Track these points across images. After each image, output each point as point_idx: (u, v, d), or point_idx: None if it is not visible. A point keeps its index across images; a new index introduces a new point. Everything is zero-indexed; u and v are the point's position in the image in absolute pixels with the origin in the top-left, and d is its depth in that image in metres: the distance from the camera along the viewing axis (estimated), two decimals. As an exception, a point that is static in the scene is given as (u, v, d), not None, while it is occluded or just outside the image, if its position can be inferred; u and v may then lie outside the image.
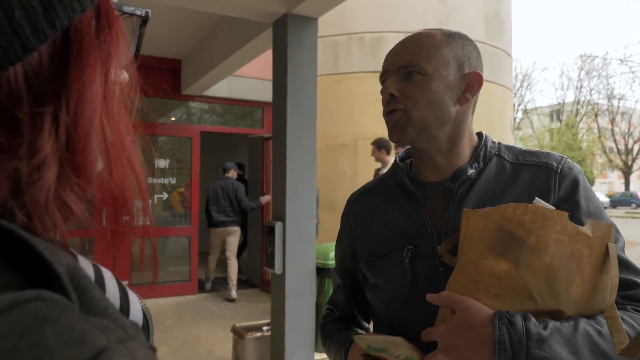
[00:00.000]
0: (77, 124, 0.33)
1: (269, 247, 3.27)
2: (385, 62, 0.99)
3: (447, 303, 0.82)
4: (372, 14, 5.87)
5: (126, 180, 0.38)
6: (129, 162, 0.38)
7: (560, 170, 0.93)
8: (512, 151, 0.99)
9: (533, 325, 0.75)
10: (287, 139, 3.15)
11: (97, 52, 0.35)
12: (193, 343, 4.43)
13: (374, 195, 1.09)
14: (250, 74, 6.49)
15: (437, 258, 0.93)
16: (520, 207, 0.79)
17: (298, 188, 3.18)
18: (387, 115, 0.97)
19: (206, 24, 4.88)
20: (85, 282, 0.30)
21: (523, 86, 34.23)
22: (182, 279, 6.37)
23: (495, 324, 0.76)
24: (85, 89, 0.34)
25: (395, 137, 0.97)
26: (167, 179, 6.43)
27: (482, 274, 0.80)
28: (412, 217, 0.98)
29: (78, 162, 0.34)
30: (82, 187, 0.34)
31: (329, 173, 5.82)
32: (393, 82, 0.95)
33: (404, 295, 0.96)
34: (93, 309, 0.29)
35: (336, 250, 1.19)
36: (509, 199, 0.89)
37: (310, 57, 3.24)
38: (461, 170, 0.96)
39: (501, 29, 6.65)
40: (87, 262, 0.40)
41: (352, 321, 1.16)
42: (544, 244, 0.77)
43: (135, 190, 0.39)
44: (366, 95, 5.68)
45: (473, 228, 0.84)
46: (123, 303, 0.39)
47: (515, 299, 0.78)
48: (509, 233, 0.79)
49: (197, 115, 6.86)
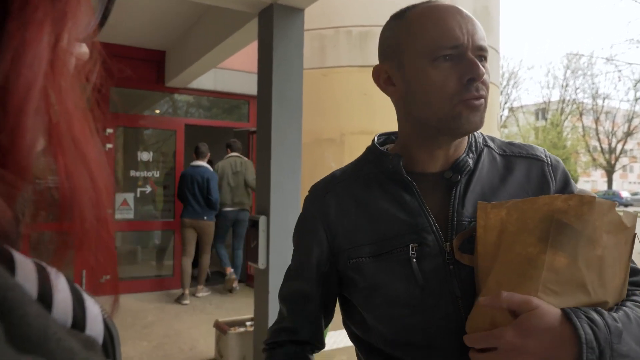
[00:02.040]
0: (7, 93, 0.26)
1: (252, 242, 3.22)
2: (457, 34, 0.82)
3: (508, 304, 0.73)
4: (360, 8, 5.83)
5: (75, 176, 0.30)
6: (79, 150, 0.30)
7: (550, 162, 0.93)
8: (496, 142, 0.96)
9: (610, 319, 0.71)
10: (272, 132, 3.09)
11: (48, 8, 0.28)
12: (175, 338, 4.37)
13: (352, 186, 0.95)
14: (236, 66, 6.41)
15: (445, 256, 0.84)
16: (574, 199, 0.76)
17: (283, 182, 3.13)
18: (473, 100, 0.82)
19: (191, 15, 4.79)
20: (14, 295, 0.23)
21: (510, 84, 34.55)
22: (165, 273, 6.29)
23: (575, 322, 0.69)
24: (25, 50, 0.27)
25: (475, 126, 0.84)
26: (151, 172, 6.33)
27: (540, 270, 0.74)
28: (409, 211, 0.87)
29: (5, 144, 0.26)
30: (7, 180, 0.26)
31: (315, 167, 5.77)
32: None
33: (412, 299, 0.84)
34: (26, 331, 0.23)
35: (300, 252, 0.99)
36: (509, 191, 0.88)
37: (296, 48, 3.19)
38: (463, 161, 0.89)
39: (490, 25, 6.66)
40: (28, 264, 0.30)
41: (313, 345, 1.00)
42: (598, 235, 0.75)
43: (88, 187, 0.31)
44: (353, 89, 5.64)
45: (497, 222, 0.80)
46: (77, 313, 0.31)
47: (571, 293, 0.75)
48: (565, 225, 0.75)
49: (182, 108, 6.75)
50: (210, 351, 4.02)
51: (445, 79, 0.82)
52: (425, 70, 0.83)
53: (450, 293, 0.84)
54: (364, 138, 5.62)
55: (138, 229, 6.27)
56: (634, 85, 32.89)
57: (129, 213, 6.04)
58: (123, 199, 6.00)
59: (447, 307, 0.83)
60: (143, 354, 3.98)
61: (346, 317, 1.00)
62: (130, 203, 6.05)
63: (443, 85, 0.82)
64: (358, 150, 1.06)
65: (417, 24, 0.85)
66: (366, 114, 5.47)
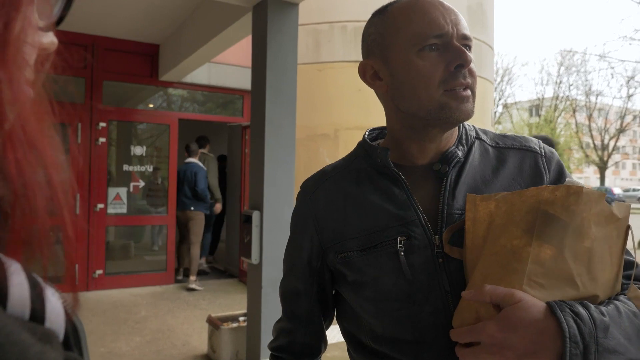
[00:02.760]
0: None
1: (245, 237, 3.21)
2: (441, 23, 0.82)
3: (491, 298, 0.72)
4: (355, 3, 5.80)
5: (30, 176, 0.28)
6: (33, 146, 0.28)
7: (544, 153, 0.92)
8: (489, 135, 0.95)
9: (596, 313, 0.70)
10: (265, 127, 3.08)
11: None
12: (168, 333, 4.36)
13: (343, 180, 0.94)
14: (230, 61, 6.37)
15: (434, 249, 0.83)
16: (561, 189, 0.74)
17: (276, 177, 3.12)
18: (460, 90, 0.82)
19: (185, 8, 4.76)
20: None
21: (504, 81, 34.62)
22: (158, 268, 6.27)
23: (559, 316, 0.68)
24: None
25: (464, 115, 0.82)
26: (144, 166, 6.29)
27: (525, 263, 0.72)
28: (398, 204, 0.86)
29: None
30: None
31: (310, 163, 5.76)
32: None
33: (401, 293, 0.83)
34: None
35: (292, 249, 1.00)
36: (501, 183, 0.87)
37: (290, 43, 3.17)
38: (452, 152, 0.88)
39: (484, 21, 6.66)
40: None
41: (313, 347, 0.99)
42: (587, 226, 0.73)
43: (42, 184, 0.29)
44: (348, 85, 5.62)
45: (486, 214, 0.79)
46: (36, 306, 0.30)
47: (558, 286, 0.73)
48: (551, 216, 0.73)
49: (176, 102, 6.71)
50: (203, 346, 4.02)
51: (432, 68, 0.81)
52: (412, 61, 0.83)
53: (440, 287, 0.83)
54: (358, 133, 5.61)
55: (131, 223, 6.23)
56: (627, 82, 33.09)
57: (122, 207, 6.01)
58: (116, 193, 5.97)
59: (436, 302, 0.82)
60: (136, 349, 3.97)
61: (338, 313, 1.00)
62: (123, 197, 6.02)
63: (430, 74, 0.82)
64: (352, 145, 1.05)
65: (401, 16, 0.85)
66: (361, 109, 5.46)
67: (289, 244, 1.01)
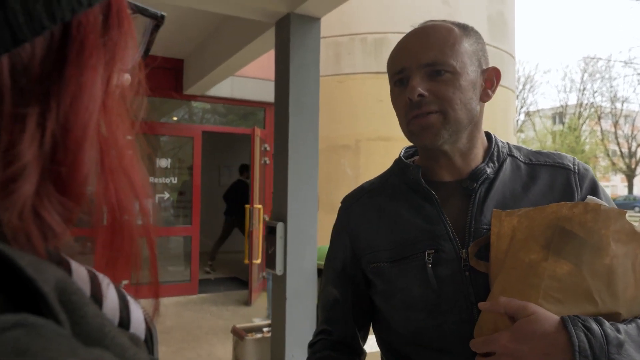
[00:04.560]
0: (67, 132, 0.29)
1: (270, 248, 3.25)
2: (401, 58, 0.90)
3: (506, 310, 0.75)
4: (375, 15, 5.85)
5: (124, 200, 0.33)
6: (129, 179, 0.33)
7: (577, 170, 0.92)
8: (522, 151, 0.97)
9: (609, 329, 0.71)
10: (289, 140, 3.13)
11: (100, 53, 0.31)
12: (193, 343, 4.42)
13: (379, 196, 1.00)
14: (252, 74, 6.48)
15: (461, 262, 0.86)
16: (579, 206, 0.75)
17: (300, 189, 3.16)
18: (418, 118, 0.87)
19: (209, 24, 4.87)
20: (77, 298, 0.26)
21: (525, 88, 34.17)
22: (182, 279, 6.35)
23: (570, 330, 0.70)
24: (82, 92, 0.29)
25: (428, 141, 0.88)
26: (169, 178, 6.41)
27: (541, 277, 0.74)
28: (428, 219, 0.90)
29: (64, 176, 0.29)
30: (66, 206, 0.29)
31: (331, 174, 5.79)
32: (420, 82, 0.86)
33: (427, 304, 0.87)
34: (86, 329, 0.26)
35: (330, 259, 1.06)
36: (531, 200, 0.89)
37: (313, 57, 3.23)
38: (480, 170, 0.91)
39: (504, 30, 6.63)
40: (82, 271, 0.34)
41: (350, 346, 1.01)
42: (605, 243, 0.74)
43: (136, 210, 0.34)
44: (368, 96, 5.66)
45: (510, 229, 0.81)
46: (123, 314, 0.35)
47: (576, 302, 0.74)
48: (569, 233, 0.75)
49: (198, 115, 6.84)
50: (228, 357, 4.05)
51: (398, 102, 0.91)
52: (392, 94, 0.94)
53: (465, 299, 0.86)
54: (379, 144, 5.65)
55: (156, 234, 6.33)
56: (654, 88, 32.27)
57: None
58: (142, 205, 6.08)
59: (461, 313, 0.85)
60: (162, 359, 4.03)
61: (373, 321, 1.04)
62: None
63: (398, 108, 0.92)
64: (373, 156, 1.12)
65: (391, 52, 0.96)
66: (381, 120, 5.48)
67: (327, 255, 1.07)
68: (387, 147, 5.37)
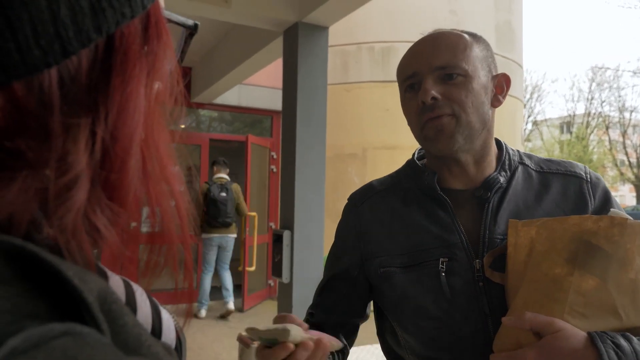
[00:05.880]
0: (115, 140, 0.30)
1: (276, 256, 3.25)
2: (413, 63, 0.89)
3: (532, 325, 0.73)
4: (382, 24, 5.88)
5: (165, 205, 0.34)
6: (169, 185, 0.34)
7: (590, 179, 0.91)
8: (534, 159, 0.96)
9: (638, 346, 0.70)
10: (296, 148, 3.14)
11: (143, 63, 0.32)
12: (198, 351, 4.40)
13: (390, 197, 0.97)
14: (259, 82, 6.51)
15: (475, 272, 0.85)
16: (604, 220, 0.74)
17: (307, 197, 3.16)
18: (431, 120, 0.86)
19: (217, 32, 4.91)
20: (117, 307, 0.27)
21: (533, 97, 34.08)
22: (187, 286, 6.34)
23: (600, 347, 0.68)
24: (127, 102, 0.31)
25: (442, 145, 0.86)
26: (176, 186, 6.43)
27: (567, 292, 0.73)
28: (442, 226, 0.89)
29: (113, 182, 0.30)
30: (114, 210, 0.31)
31: (338, 182, 5.80)
32: (432, 84, 0.85)
33: (440, 312, 0.85)
34: (125, 338, 0.26)
35: (335, 252, 1.03)
36: (544, 209, 0.88)
37: (321, 66, 3.24)
38: (493, 179, 0.90)
39: (512, 39, 6.64)
40: (118, 281, 0.36)
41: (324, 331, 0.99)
42: (630, 257, 0.73)
43: (175, 215, 0.35)
44: (375, 105, 5.67)
45: (527, 240, 0.79)
46: (155, 323, 0.36)
47: (601, 317, 0.73)
48: (594, 247, 0.73)
49: (206, 123, 6.88)
50: (233, 365, 4.04)
51: (410, 108, 0.90)
52: (403, 100, 0.92)
53: (479, 310, 0.84)
54: (386, 153, 5.65)
55: (193, 241, 6.32)
56: (663, 98, 32.08)
57: (154, 226, 6.13)
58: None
59: (475, 324, 0.84)
60: (167, 366, 4.02)
61: (379, 328, 1.02)
62: (155, 216, 6.14)
63: (409, 113, 0.90)
64: (380, 164, 1.10)
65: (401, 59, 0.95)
66: (388, 129, 5.48)
67: (331, 250, 1.04)
68: (394, 156, 5.37)
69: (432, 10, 5.91)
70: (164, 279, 0.38)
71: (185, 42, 0.41)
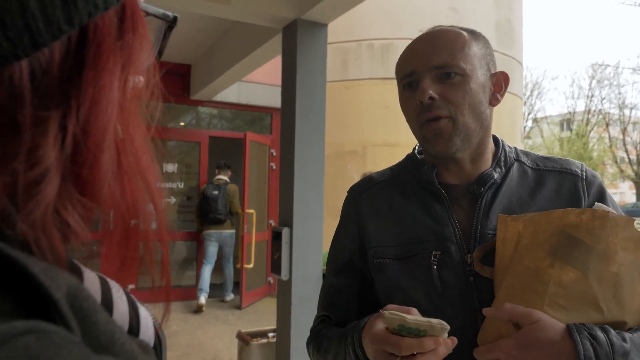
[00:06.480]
0: (87, 134, 0.29)
1: (275, 253, 3.25)
2: (411, 61, 0.89)
3: (510, 316, 0.73)
4: (382, 21, 5.86)
5: (140, 201, 0.34)
6: (145, 180, 0.34)
7: (585, 176, 0.92)
8: (530, 157, 0.96)
9: (615, 338, 0.70)
10: (295, 145, 3.13)
11: (117, 56, 0.31)
12: (198, 348, 4.41)
13: (389, 189, 0.98)
14: (259, 79, 6.50)
15: (466, 267, 0.86)
16: (586, 213, 0.74)
17: (306, 194, 3.16)
18: (429, 123, 0.86)
19: (216, 30, 4.90)
20: (88, 304, 0.26)
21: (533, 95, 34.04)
22: (188, 283, 6.36)
23: (575, 338, 0.69)
24: (100, 95, 0.30)
25: (440, 147, 0.87)
26: (175, 183, 6.43)
27: (547, 284, 0.74)
28: (437, 220, 0.90)
29: (85, 177, 0.30)
30: (86, 206, 0.30)
31: (337, 179, 5.79)
32: (430, 84, 0.85)
33: (431, 305, 0.86)
34: (97, 335, 0.26)
35: (336, 246, 1.03)
36: (538, 205, 0.88)
37: (320, 63, 3.24)
38: (487, 174, 0.90)
39: (512, 36, 6.62)
40: (93, 278, 0.35)
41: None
42: (612, 251, 0.73)
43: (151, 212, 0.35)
44: (375, 102, 5.66)
45: (515, 234, 0.80)
46: (133, 321, 0.35)
47: (581, 309, 0.73)
48: (575, 240, 0.74)
49: (205, 120, 6.87)
50: (233, 362, 4.05)
51: (408, 106, 0.90)
52: (401, 98, 0.92)
53: (469, 305, 0.85)
54: (386, 150, 5.64)
55: (170, 238, 6.35)
56: (663, 95, 32.07)
57: (153, 223, 6.14)
58: (148, 209, 6.11)
59: (465, 318, 0.84)
60: (167, 363, 4.03)
61: None
62: (155, 214, 6.15)
63: (408, 112, 0.90)
64: (380, 162, 1.10)
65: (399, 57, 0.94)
66: (388, 126, 5.47)
67: (333, 243, 1.05)
68: (394, 153, 5.34)
69: (432, 7, 5.89)
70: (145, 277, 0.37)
71: (164, 35, 0.41)
